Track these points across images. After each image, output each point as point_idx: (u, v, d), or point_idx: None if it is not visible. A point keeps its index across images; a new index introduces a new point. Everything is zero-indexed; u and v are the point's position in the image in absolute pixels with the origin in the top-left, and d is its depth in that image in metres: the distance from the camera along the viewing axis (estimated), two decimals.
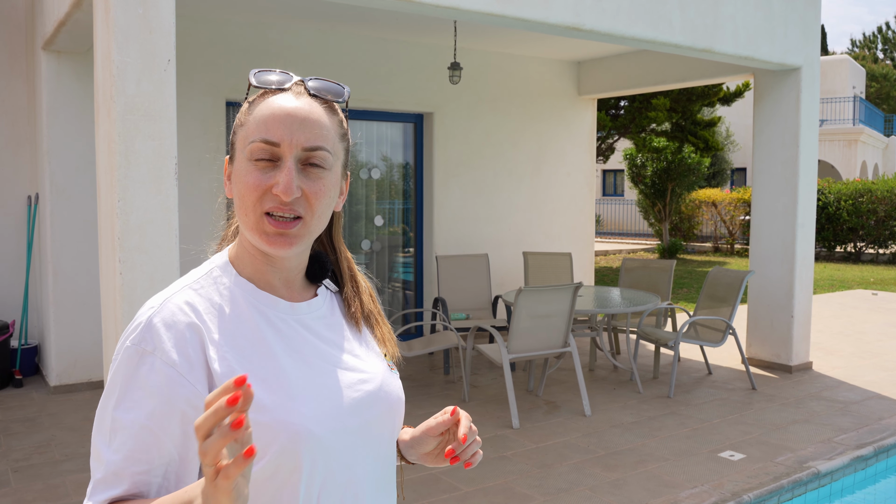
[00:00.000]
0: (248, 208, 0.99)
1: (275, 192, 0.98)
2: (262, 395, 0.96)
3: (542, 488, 3.93)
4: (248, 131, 1.01)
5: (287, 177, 0.97)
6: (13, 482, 4.02)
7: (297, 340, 1.04)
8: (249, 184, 0.99)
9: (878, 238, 16.53)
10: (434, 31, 7.06)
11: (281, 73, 1.05)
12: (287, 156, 0.99)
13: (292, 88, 1.03)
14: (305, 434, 0.96)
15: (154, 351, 0.93)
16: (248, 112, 1.03)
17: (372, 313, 1.19)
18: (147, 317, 0.96)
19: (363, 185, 7.52)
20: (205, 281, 1.03)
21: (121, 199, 3.36)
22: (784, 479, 4.00)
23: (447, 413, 1.16)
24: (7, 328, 5.90)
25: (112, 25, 3.32)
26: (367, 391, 1.08)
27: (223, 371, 0.95)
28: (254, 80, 1.03)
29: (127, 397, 0.92)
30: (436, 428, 1.17)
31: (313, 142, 1.00)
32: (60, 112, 5.66)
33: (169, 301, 0.98)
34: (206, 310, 0.99)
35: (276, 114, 1.00)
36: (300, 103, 1.01)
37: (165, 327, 0.95)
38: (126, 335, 0.96)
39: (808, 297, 6.54)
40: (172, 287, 1.02)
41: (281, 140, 0.98)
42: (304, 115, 1.00)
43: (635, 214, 24.27)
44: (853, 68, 28.41)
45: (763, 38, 6.00)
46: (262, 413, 0.95)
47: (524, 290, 4.97)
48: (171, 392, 0.92)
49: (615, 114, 12.87)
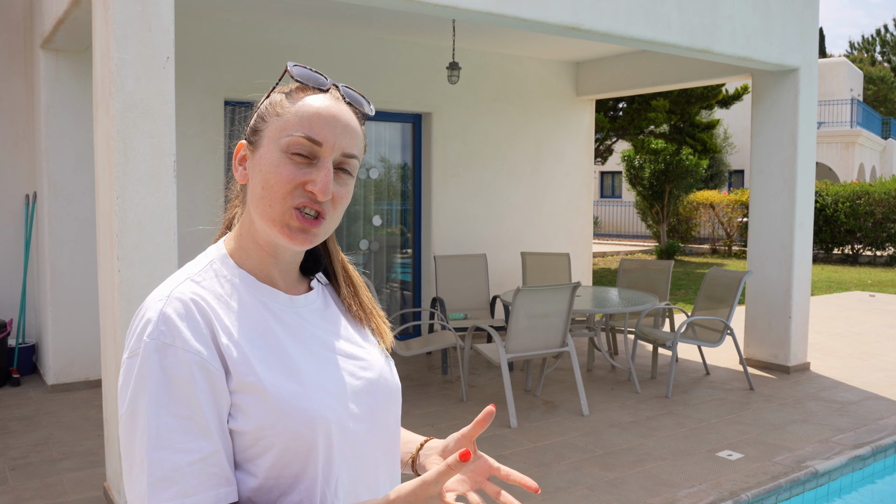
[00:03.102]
0: (274, 199, 1.00)
1: (310, 189, 0.99)
2: (274, 384, 0.96)
3: (540, 487, 3.93)
4: (286, 123, 1.01)
5: (327, 177, 1.00)
6: (10, 480, 4.01)
7: (299, 331, 1.05)
8: (283, 175, 0.99)
9: (875, 240, 16.55)
10: (433, 31, 7.07)
11: (318, 73, 1.06)
12: (327, 157, 1.01)
13: (331, 91, 1.06)
14: (320, 420, 0.97)
15: (174, 342, 0.93)
16: (285, 103, 1.03)
17: (365, 305, 1.20)
18: (159, 309, 0.95)
19: (361, 185, 7.51)
20: (206, 273, 1.03)
21: (119, 196, 3.35)
22: (782, 478, 4.00)
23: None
24: (4, 327, 5.89)
25: (111, 22, 3.32)
26: (369, 379, 1.09)
27: (238, 357, 0.96)
28: (294, 72, 1.04)
29: (161, 392, 0.91)
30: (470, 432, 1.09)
31: (351, 149, 1.03)
32: (59, 110, 5.65)
33: (176, 291, 0.98)
34: (212, 300, 0.99)
35: (322, 114, 1.01)
36: (342, 108, 1.04)
37: (180, 318, 0.94)
38: (138, 332, 0.95)
39: (805, 298, 6.55)
40: (174, 280, 1.01)
41: (325, 141, 1.00)
42: (347, 122, 1.03)
43: (633, 216, 24.28)
44: (851, 71, 28.47)
45: (761, 39, 6.01)
46: (276, 401, 0.95)
47: (522, 290, 4.97)
48: (200, 379, 0.92)
49: (613, 115, 12.89)
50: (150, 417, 0.90)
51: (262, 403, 0.95)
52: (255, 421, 0.95)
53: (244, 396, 0.95)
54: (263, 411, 0.95)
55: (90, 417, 5.09)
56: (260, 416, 0.95)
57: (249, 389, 0.95)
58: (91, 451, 4.44)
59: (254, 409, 0.95)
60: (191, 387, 0.92)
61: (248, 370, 0.96)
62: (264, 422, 0.95)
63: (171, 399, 0.91)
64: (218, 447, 0.93)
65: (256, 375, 0.96)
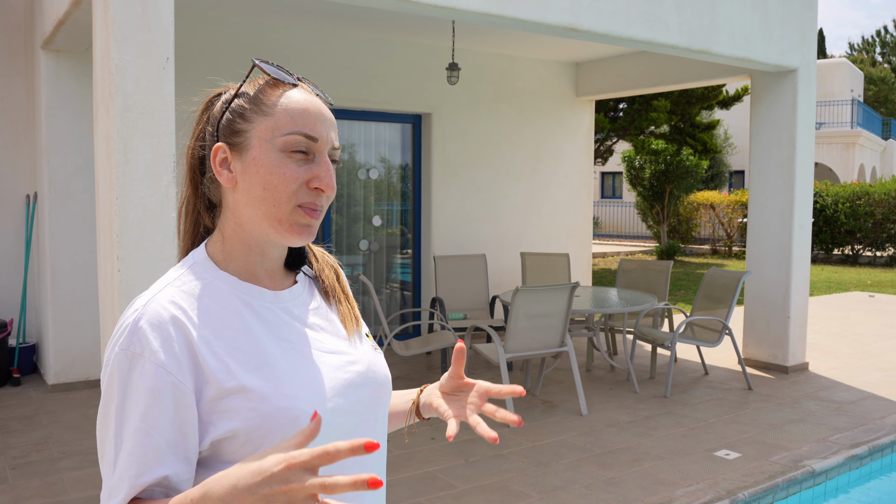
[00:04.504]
0: (279, 199, 1.00)
1: (315, 186, 1.01)
2: (258, 385, 0.97)
3: (539, 486, 3.94)
4: (278, 122, 1.01)
5: (329, 172, 1.02)
6: (11, 479, 4.03)
7: (283, 328, 1.05)
8: (287, 175, 1.00)
9: (875, 241, 16.56)
10: (432, 32, 7.08)
11: (282, 68, 1.06)
12: (323, 151, 1.03)
13: (301, 85, 1.06)
14: (305, 418, 0.98)
15: (143, 353, 0.94)
16: (267, 101, 1.02)
17: (350, 295, 1.21)
18: (132, 320, 0.96)
19: (361, 185, 7.53)
20: (186, 277, 1.03)
21: (119, 196, 3.37)
22: (779, 477, 4.02)
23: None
24: (5, 327, 5.91)
25: (111, 23, 3.34)
26: (357, 372, 1.10)
27: (216, 365, 0.96)
28: (267, 69, 1.04)
29: (127, 402, 0.93)
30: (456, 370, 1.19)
31: (336, 140, 1.06)
32: (59, 111, 5.67)
33: (152, 301, 0.98)
34: (191, 306, 0.99)
35: (311, 110, 1.02)
36: (320, 102, 1.06)
37: (151, 328, 0.95)
38: (114, 341, 0.97)
39: (804, 298, 6.56)
40: (155, 287, 1.02)
41: (320, 136, 1.02)
42: (329, 115, 1.05)
43: (633, 217, 24.29)
44: (851, 71, 28.47)
45: (760, 40, 6.03)
46: (261, 402, 0.96)
47: (521, 290, 4.98)
48: (165, 394, 0.93)
49: (614, 116, 12.90)
50: (116, 426, 0.93)
51: (247, 406, 0.96)
52: (240, 424, 0.95)
53: (227, 402, 0.96)
54: (248, 414, 0.95)
55: (90, 417, 5.10)
56: (245, 420, 0.95)
57: (232, 394, 0.96)
58: (91, 451, 4.45)
59: (238, 412, 0.95)
60: (154, 400, 0.93)
61: (229, 376, 0.96)
62: (250, 424, 0.95)
63: (135, 411, 0.93)
64: (169, 471, 0.93)
65: (237, 380, 0.96)
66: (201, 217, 1.10)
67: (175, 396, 0.94)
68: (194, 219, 1.10)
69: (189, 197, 1.10)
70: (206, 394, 0.96)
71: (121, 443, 0.93)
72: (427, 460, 4.29)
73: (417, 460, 4.28)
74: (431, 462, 4.27)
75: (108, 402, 0.95)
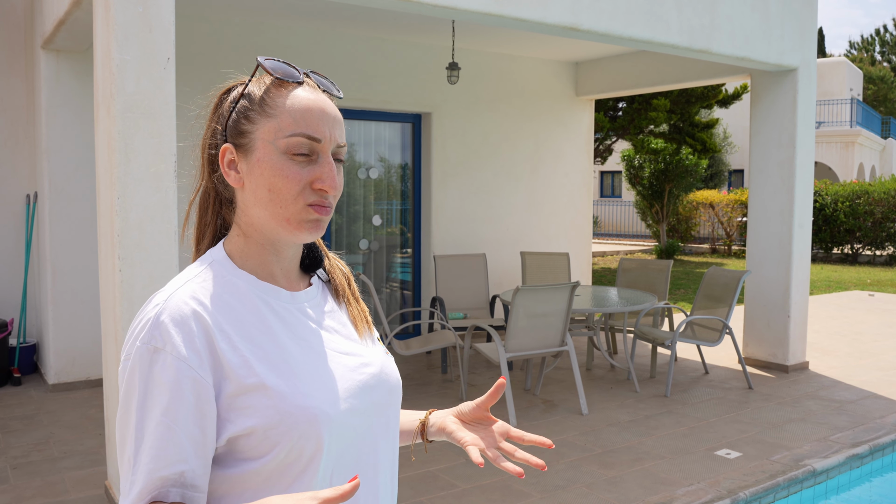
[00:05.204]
0: (285, 201, 1.01)
1: (319, 187, 1.01)
2: (277, 383, 0.97)
3: (540, 486, 3.95)
4: (281, 123, 1.01)
5: (332, 173, 1.02)
6: (12, 479, 4.03)
7: (300, 328, 1.06)
8: (290, 178, 1.00)
9: (875, 240, 16.57)
10: (432, 32, 7.08)
11: (289, 64, 1.06)
12: (326, 151, 1.02)
13: (307, 82, 1.06)
14: (323, 417, 0.98)
15: (165, 347, 0.94)
16: (271, 101, 1.02)
17: (360, 299, 1.21)
18: (154, 314, 0.97)
19: (361, 185, 7.53)
20: (206, 274, 1.03)
21: (120, 196, 3.37)
22: (780, 476, 4.02)
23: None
24: (6, 326, 5.91)
25: (112, 23, 3.34)
26: (371, 374, 1.10)
27: (236, 361, 0.97)
28: (269, 66, 1.03)
29: (148, 396, 0.93)
30: (485, 402, 1.25)
31: (341, 138, 1.05)
32: (59, 111, 5.67)
33: (174, 296, 0.98)
34: (212, 302, 1.00)
35: (314, 109, 1.02)
36: (325, 99, 1.05)
37: (173, 323, 0.95)
38: (135, 335, 0.97)
39: (804, 297, 6.56)
40: (175, 282, 1.02)
41: (323, 136, 1.01)
42: (334, 113, 1.04)
43: (633, 216, 24.30)
44: (850, 70, 28.47)
45: (760, 39, 6.03)
46: (280, 400, 0.96)
47: (521, 289, 4.99)
48: (185, 388, 0.93)
49: (613, 115, 12.90)
50: (137, 420, 0.94)
51: (266, 403, 0.96)
52: (258, 421, 0.96)
53: (246, 398, 0.96)
54: (267, 411, 0.96)
55: (91, 416, 5.11)
56: (264, 417, 0.96)
57: (251, 391, 0.96)
58: (92, 450, 4.45)
59: (257, 410, 0.96)
60: (175, 395, 0.93)
61: (249, 372, 0.97)
62: (269, 421, 0.96)
63: (157, 406, 0.93)
64: (186, 467, 0.93)
65: (258, 377, 0.97)
66: (222, 210, 1.10)
67: (196, 391, 0.94)
68: (216, 210, 1.11)
69: (209, 189, 1.10)
70: (225, 390, 0.96)
71: (142, 437, 0.93)
72: (428, 459, 4.29)
73: (418, 459, 4.28)
74: (432, 461, 4.28)
75: (129, 396, 0.95)
